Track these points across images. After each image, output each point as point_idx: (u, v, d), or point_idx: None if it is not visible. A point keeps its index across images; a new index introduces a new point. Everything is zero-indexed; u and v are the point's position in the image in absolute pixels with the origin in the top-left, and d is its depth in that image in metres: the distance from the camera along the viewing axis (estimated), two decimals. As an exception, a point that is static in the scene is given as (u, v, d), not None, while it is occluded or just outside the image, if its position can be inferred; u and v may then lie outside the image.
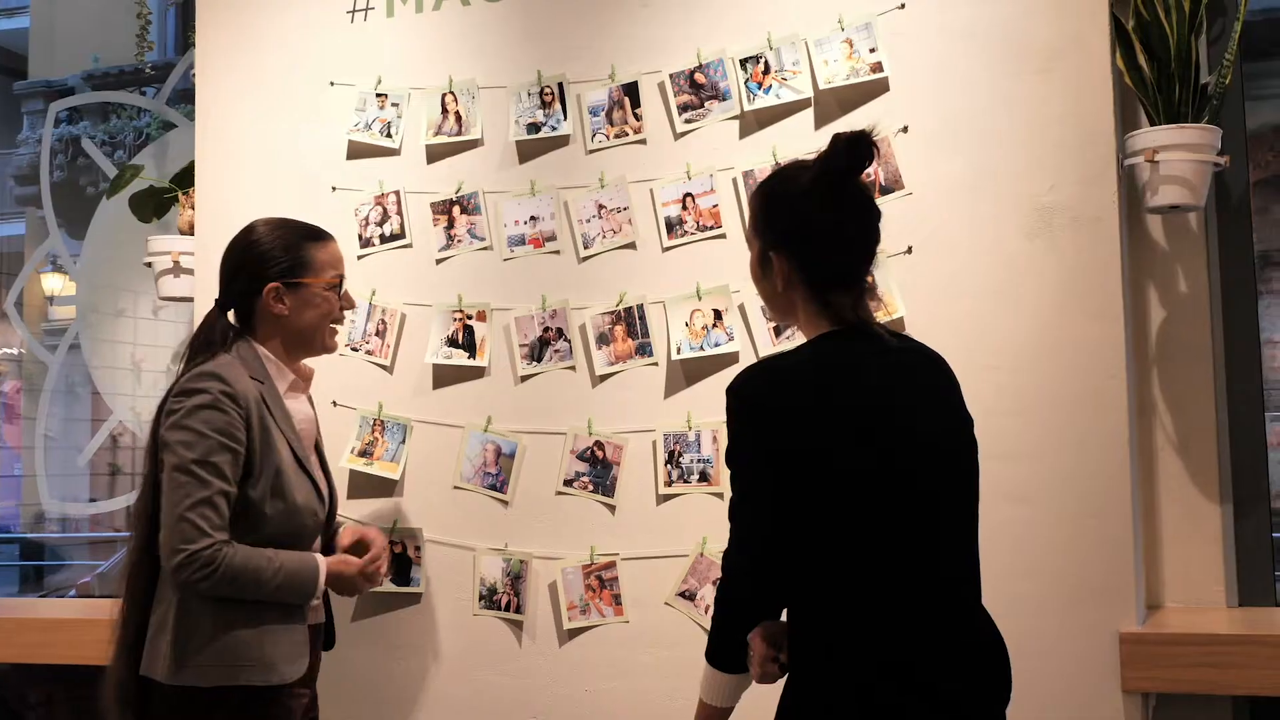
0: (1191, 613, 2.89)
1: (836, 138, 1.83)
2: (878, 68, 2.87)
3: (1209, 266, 3.01)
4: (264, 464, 2.16)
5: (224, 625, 2.13)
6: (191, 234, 3.54)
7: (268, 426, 2.18)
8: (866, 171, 1.90)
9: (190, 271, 3.50)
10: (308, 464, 2.28)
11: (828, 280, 1.89)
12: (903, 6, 2.87)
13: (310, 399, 2.48)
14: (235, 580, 2.09)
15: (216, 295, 2.44)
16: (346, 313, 2.51)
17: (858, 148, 1.82)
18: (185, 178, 3.62)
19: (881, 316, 1.96)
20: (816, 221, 1.87)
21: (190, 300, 3.54)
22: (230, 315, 2.38)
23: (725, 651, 1.89)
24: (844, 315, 1.88)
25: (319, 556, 2.26)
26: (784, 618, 1.89)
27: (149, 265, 3.58)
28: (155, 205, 3.64)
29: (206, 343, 2.30)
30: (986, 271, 2.78)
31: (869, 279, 1.93)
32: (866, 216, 1.90)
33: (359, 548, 2.48)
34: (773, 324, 2.90)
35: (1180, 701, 2.79)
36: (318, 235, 2.43)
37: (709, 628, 1.92)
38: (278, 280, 2.33)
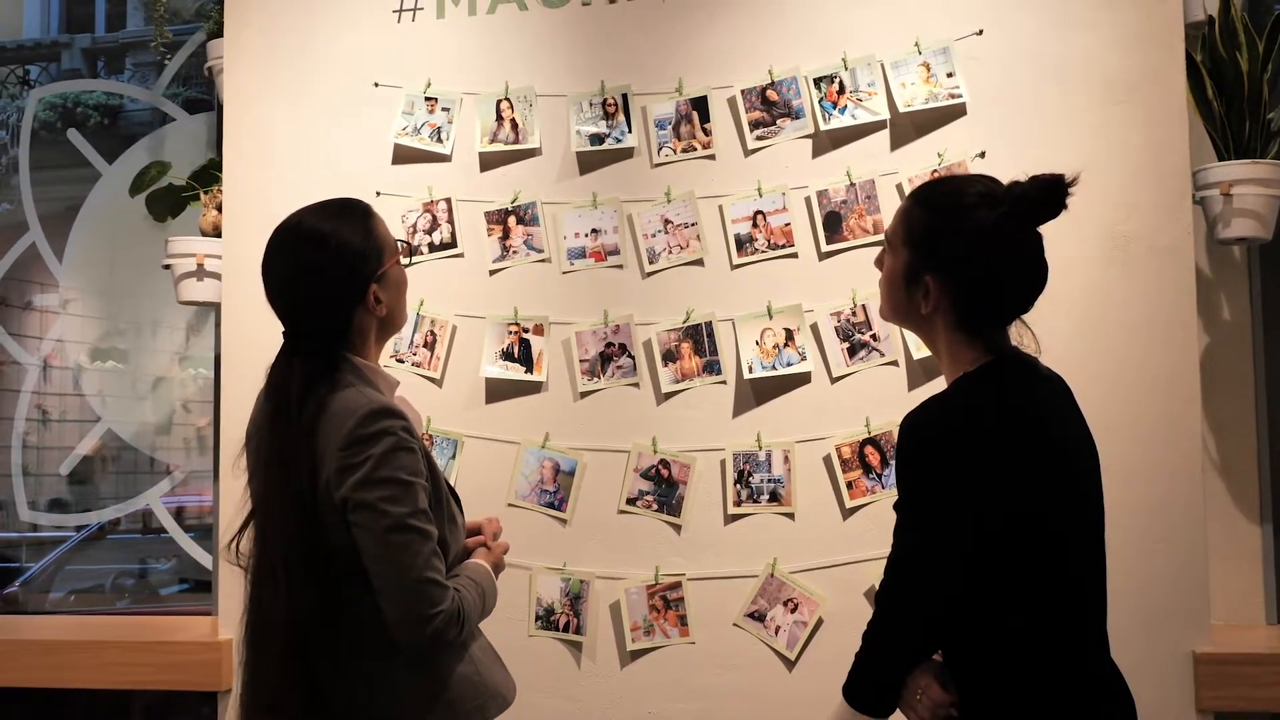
0: (1239, 630, 2.99)
1: (1035, 180, 1.75)
2: (955, 92, 2.89)
3: (1251, 294, 3.11)
4: (436, 493, 1.92)
5: (436, 672, 1.90)
6: (215, 235, 3.37)
7: (428, 451, 1.95)
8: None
9: (216, 275, 3.33)
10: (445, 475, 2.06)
11: (988, 318, 1.84)
12: (980, 33, 2.90)
13: None
14: (470, 618, 1.90)
15: (289, 334, 1.94)
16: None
17: (1056, 194, 1.74)
18: (204, 176, 3.45)
19: (1028, 345, 1.93)
20: (998, 263, 1.79)
21: (214, 305, 3.38)
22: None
23: (872, 694, 1.82)
24: (995, 342, 1.84)
25: (478, 561, 2.05)
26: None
27: (167, 268, 3.40)
28: (172, 204, 3.45)
29: (312, 383, 1.88)
30: (1062, 298, 2.80)
31: None
32: (1041, 261, 1.83)
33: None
34: (847, 345, 2.90)
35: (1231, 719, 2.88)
36: (369, 209, 2.02)
37: (852, 667, 1.84)
38: (374, 280, 1.95)
